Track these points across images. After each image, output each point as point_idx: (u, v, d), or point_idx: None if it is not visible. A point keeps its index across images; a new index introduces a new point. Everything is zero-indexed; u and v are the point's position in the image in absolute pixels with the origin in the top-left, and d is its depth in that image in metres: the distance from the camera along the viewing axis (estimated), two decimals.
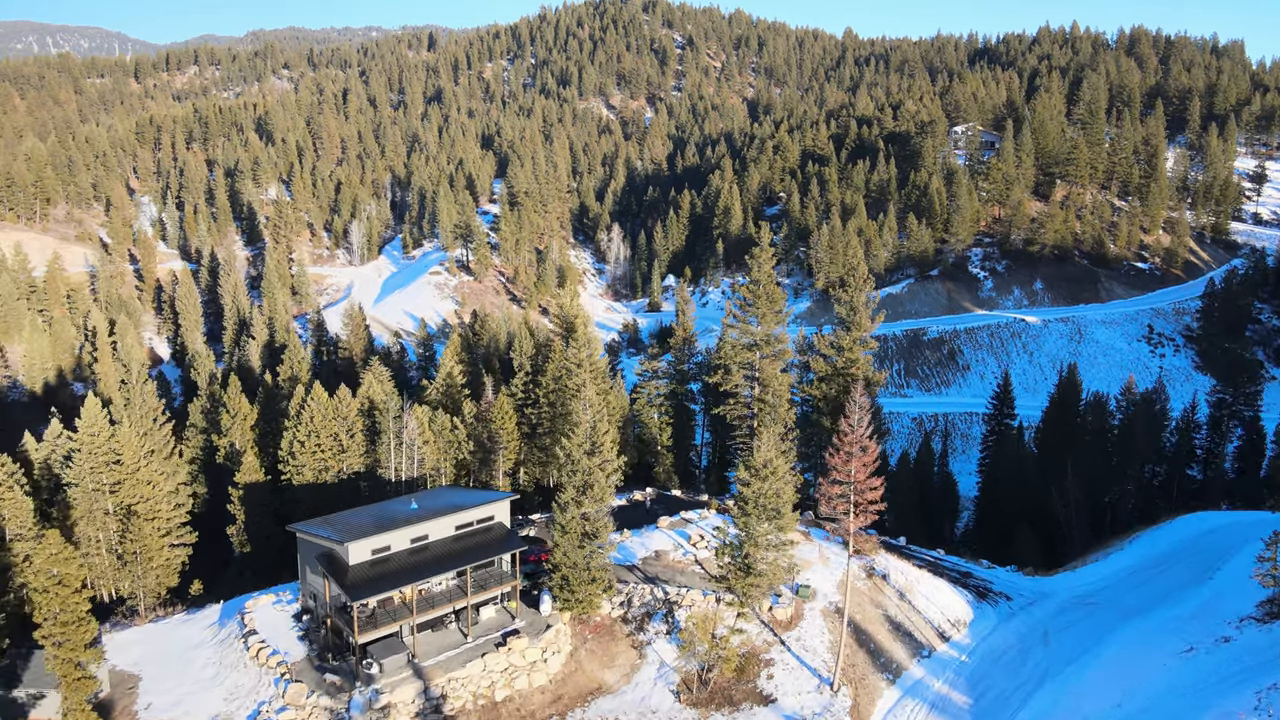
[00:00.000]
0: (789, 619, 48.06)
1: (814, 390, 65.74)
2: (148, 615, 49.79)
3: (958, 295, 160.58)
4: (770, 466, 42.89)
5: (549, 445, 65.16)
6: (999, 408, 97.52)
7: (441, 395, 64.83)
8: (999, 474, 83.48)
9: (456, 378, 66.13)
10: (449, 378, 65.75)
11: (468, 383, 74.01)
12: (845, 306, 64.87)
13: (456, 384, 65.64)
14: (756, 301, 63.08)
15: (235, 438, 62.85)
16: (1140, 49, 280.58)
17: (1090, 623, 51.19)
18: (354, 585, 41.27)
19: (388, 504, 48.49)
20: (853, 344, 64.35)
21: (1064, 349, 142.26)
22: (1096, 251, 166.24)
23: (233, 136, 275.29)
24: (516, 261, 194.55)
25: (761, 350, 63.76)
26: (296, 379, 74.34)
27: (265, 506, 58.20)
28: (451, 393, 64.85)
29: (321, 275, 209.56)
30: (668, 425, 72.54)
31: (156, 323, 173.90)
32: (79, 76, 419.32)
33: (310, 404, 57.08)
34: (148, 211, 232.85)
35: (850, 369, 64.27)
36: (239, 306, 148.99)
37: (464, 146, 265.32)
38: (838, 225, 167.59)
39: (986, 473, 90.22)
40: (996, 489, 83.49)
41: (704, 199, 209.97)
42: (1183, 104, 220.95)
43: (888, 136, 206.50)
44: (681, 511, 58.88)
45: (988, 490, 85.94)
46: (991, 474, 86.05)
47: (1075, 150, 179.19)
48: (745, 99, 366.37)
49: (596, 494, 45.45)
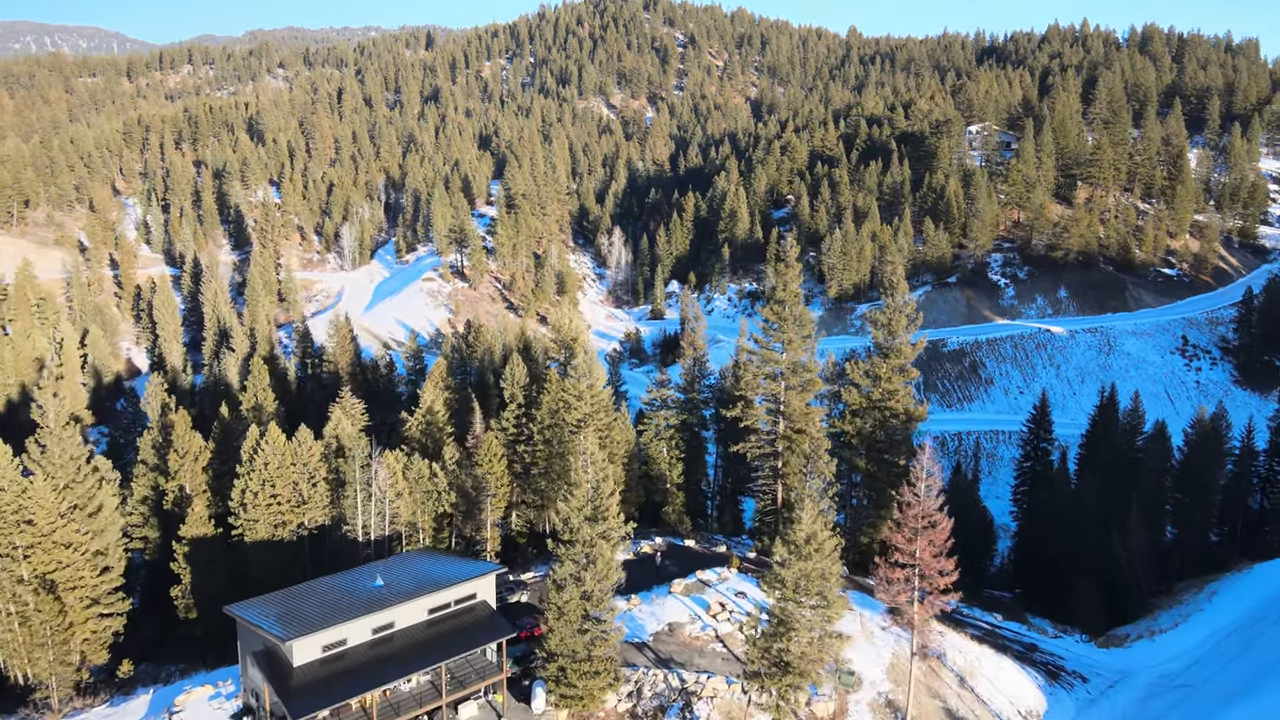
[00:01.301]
0: (831, 716, 39.97)
1: (846, 425, 57.66)
2: (62, 709, 41.83)
3: (977, 303, 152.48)
4: (814, 543, 34.78)
5: (544, 488, 57.10)
6: (1036, 431, 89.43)
7: (422, 432, 56.81)
8: (1043, 513, 75.12)
9: (439, 412, 57.99)
10: (430, 413, 57.59)
11: (455, 412, 65.91)
12: (882, 330, 56.77)
13: (439, 419, 57.52)
14: (781, 325, 54.97)
15: (185, 480, 54.89)
16: (1153, 47, 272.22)
17: (1186, 712, 43.12)
18: (298, 693, 33.21)
19: (349, 576, 40.37)
20: (891, 373, 56.26)
21: (1093, 362, 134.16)
22: (1122, 257, 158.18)
23: (223, 137, 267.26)
24: (514, 267, 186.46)
25: (787, 380, 55.68)
26: (260, 408, 66.11)
27: (216, 565, 50.05)
28: (433, 430, 56.78)
29: (311, 281, 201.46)
30: (678, 460, 64.42)
31: (136, 332, 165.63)
32: (70, 76, 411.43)
33: (264, 447, 49.02)
34: (134, 215, 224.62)
35: (888, 401, 56.22)
36: (219, 315, 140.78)
37: (460, 147, 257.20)
38: (851, 230, 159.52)
39: (1026, 509, 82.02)
40: (1040, 529, 75.17)
41: (709, 201, 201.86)
42: (1200, 103, 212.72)
43: (900, 136, 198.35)
44: (697, 571, 50.77)
45: (1030, 530, 77.73)
46: (1033, 511, 77.81)
47: (1098, 151, 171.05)
48: (748, 98, 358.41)
49: (600, 570, 37.37)
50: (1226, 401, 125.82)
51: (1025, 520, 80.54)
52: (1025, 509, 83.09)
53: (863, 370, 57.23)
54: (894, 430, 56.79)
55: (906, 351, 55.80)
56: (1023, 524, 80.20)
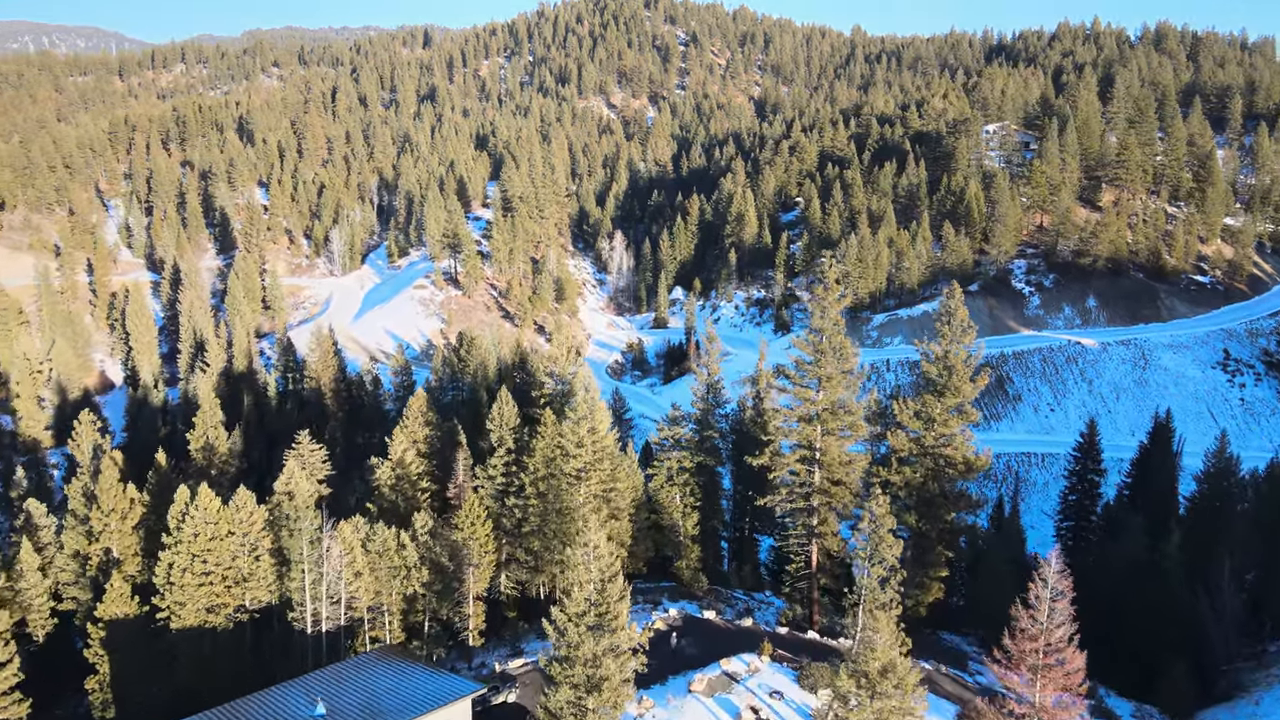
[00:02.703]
0: None
1: (893, 475, 49.04)
2: None
3: (1001, 313, 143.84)
4: (893, 674, 26.20)
5: (538, 548, 48.49)
6: (1084, 461, 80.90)
7: (391, 488, 48.15)
8: (1104, 563, 66.22)
9: (412, 464, 49.20)
10: (401, 465, 48.83)
11: (436, 451, 57.27)
12: (937, 364, 48.15)
13: (412, 472, 48.76)
14: (819, 359, 46.36)
15: (113, 542, 46.33)
16: (1167, 45, 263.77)
17: None
18: None
19: (282, 695, 31.67)
20: (947, 414, 47.64)
21: (1127, 377, 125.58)
22: (1153, 264, 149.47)
23: (211, 136, 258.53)
24: (510, 273, 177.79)
25: (825, 424, 47.07)
26: (211, 448, 57.34)
27: (139, 653, 41.23)
28: (404, 487, 48.08)
29: (299, 287, 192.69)
30: (693, 510, 55.80)
31: (111, 342, 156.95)
32: (60, 75, 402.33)
33: (195, 514, 40.29)
34: (118, 217, 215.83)
35: (944, 448, 47.61)
36: (195, 326, 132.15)
37: (457, 147, 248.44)
38: (867, 235, 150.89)
39: (1079, 555, 73.23)
40: (1097, 577, 66.32)
41: (714, 204, 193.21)
42: (1221, 102, 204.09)
43: (914, 136, 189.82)
44: (722, 661, 42.10)
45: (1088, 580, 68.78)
46: (1091, 560, 69.02)
47: (1125, 151, 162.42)
48: (752, 98, 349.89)
49: (606, 697, 28.76)
50: (1274, 422, 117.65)
51: (1079, 568, 71.70)
52: (1076, 554, 74.33)
53: (912, 410, 48.61)
54: (949, 481, 48.19)
55: (966, 390, 47.20)
56: (1076, 574, 71.25)
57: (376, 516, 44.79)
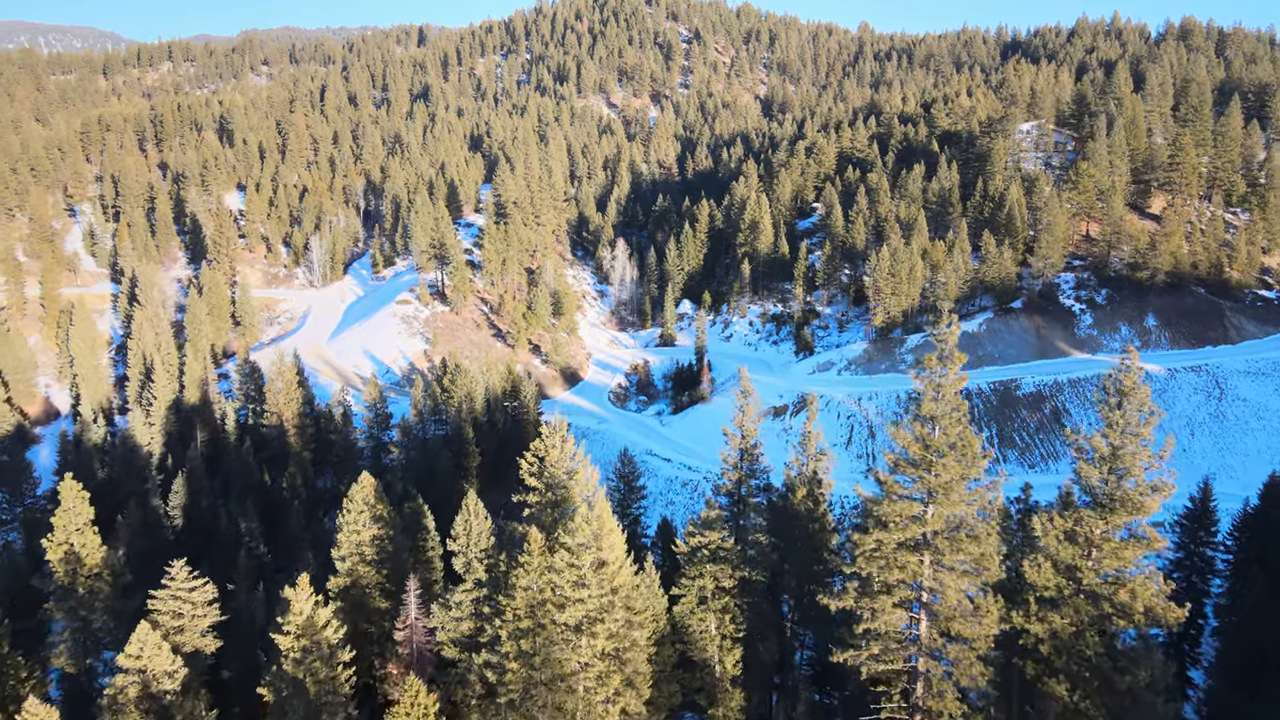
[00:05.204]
0: None
1: (1031, 624, 34.08)
2: None
3: (1049, 334, 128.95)
4: None
5: None
6: (1194, 530, 66.07)
7: (295, 663, 32.79)
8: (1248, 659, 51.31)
9: (327, 633, 33.36)
10: (311, 627, 33.19)
11: (388, 558, 42.37)
12: (1098, 466, 33.23)
13: (327, 640, 33.33)
14: (929, 462, 31.44)
15: None
16: (1194, 40, 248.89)
17: None
18: None
19: None
20: (1114, 538, 32.70)
21: (1201, 409, 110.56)
22: (1214, 278, 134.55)
23: (188, 137, 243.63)
24: (503, 285, 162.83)
25: (939, 555, 32.14)
26: (76, 558, 41.47)
27: None
28: (314, 664, 32.65)
29: (274, 300, 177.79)
30: (735, 644, 40.98)
31: (59, 365, 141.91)
32: (41, 73, 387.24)
33: None
34: (85, 224, 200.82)
35: (1112, 590, 32.72)
36: (144, 349, 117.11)
37: (450, 148, 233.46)
38: (899, 245, 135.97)
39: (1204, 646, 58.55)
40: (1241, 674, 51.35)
41: (725, 210, 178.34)
42: (1260, 100, 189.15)
43: (942, 136, 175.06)
44: None
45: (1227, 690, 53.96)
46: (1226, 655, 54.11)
47: (1179, 153, 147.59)
48: (758, 96, 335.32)
49: None
50: None
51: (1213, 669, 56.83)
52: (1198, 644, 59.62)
53: (1061, 530, 33.59)
54: (1117, 637, 33.25)
55: (1149, 505, 32.28)
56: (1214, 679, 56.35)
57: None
